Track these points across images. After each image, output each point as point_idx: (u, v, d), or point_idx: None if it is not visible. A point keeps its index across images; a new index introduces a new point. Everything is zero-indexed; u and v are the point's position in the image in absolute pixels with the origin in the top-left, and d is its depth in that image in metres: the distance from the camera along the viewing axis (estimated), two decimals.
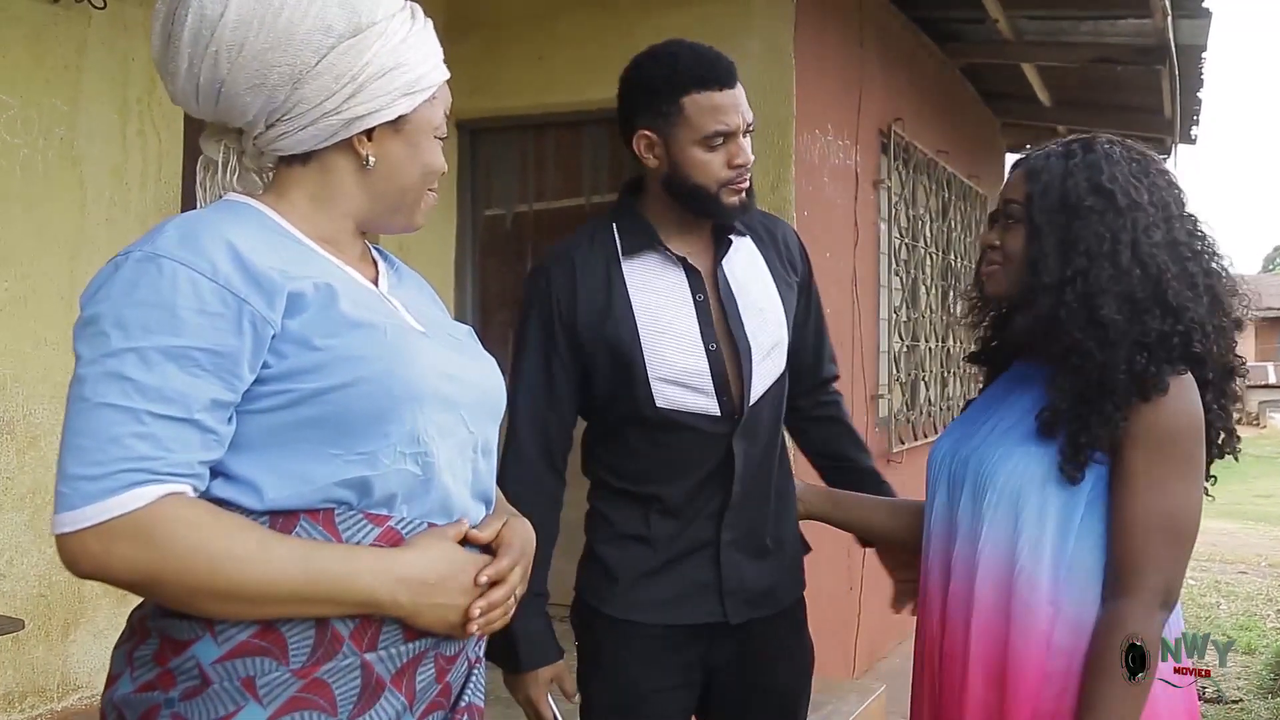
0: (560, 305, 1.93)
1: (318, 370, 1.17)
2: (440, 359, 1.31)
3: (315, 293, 1.21)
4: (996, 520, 1.63)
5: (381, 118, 1.30)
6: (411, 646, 1.24)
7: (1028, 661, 1.58)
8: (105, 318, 1.11)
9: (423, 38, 1.35)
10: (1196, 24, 5.15)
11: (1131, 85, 6.37)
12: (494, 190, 4.98)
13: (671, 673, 1.96)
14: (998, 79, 6.91)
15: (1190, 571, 7.69)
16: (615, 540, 1.99)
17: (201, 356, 1.12)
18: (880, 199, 5.30)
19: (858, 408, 4.88)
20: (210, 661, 1.13)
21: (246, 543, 1.13)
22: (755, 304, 1.98)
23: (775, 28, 4.22)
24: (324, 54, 1.24)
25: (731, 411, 1.93)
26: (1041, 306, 1.60)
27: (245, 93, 1.25)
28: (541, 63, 4.61)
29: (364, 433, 1.19)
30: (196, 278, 1.13)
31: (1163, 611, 1.54)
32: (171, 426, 1.10)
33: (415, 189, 1.38)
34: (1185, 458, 1.56)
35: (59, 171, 3.48)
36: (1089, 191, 1.59)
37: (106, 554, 1.08)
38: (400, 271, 1.48)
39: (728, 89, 1.88)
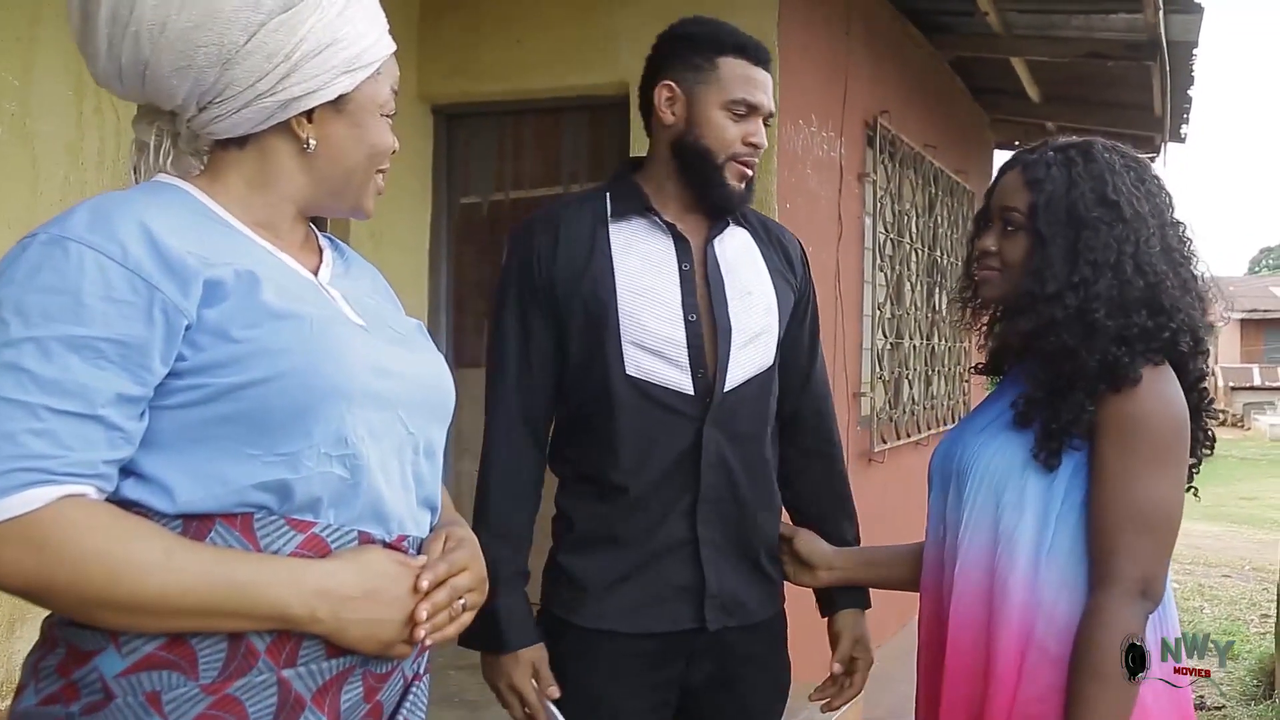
0: (540, 260, 1.87)
1: (235, 364, 1.09)
2: (375, 354, 1.21)
3: (236, 280, 1.12)
4: (977, 508, 1.64)
5: (320, 98, 1.21)
6: (335, 663, 1.14)
7: (1008, 650, 1.58)
8: (5, 304, 1.03)
9: (364, 8, 1.25)
10: (1188, 19, 5.08)
11: (1122, 82, 6.32)
12: (470, 177, 4.88)
13: (650, 689, 1.86)
14: (987, 73, 6.84)
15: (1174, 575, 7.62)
16: (580, 544, 1.89)
17: (107, 347, 1.04)
18: (865, 193, 5.21)
19: (839, 406, 4.77)
20: (114, 675, 1.06)
21: (149, 551, 1.04)
22: (743, 285, 1.90)
23: (758, 15, 4.11)
24: (254, 32, 1.15)
25: (705, 391, 1.83)
26: (1042, 313, 1.61)
27: (171, 75, 1.17)
28: (520, 46, 4.50)
29: (284, 432, 1.10)
30: (105, 262, 1.05)
31: (1143, 602, 1.53)
32: (71, 423, 1.02)
33: (361, 172, 1.29)
34: (1157, 448, 1.56)
35: (10, 149, 3.35)
36: (1095, 203, 1.60)
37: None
38: (350, 261, 1.38)
39: (759, 66, 1.87)
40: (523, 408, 1.89)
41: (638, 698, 1.85)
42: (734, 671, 1.90)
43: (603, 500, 1.86)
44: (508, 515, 1.87)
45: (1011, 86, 6.86)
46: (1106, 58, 5.72)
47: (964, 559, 1.65)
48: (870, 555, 2.00)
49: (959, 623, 1.64)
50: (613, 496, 1.85)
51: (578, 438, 1.91)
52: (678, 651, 1.86)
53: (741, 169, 1.86)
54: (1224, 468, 17.98)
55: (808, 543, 1.96)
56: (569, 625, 1.87)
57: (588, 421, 1.88)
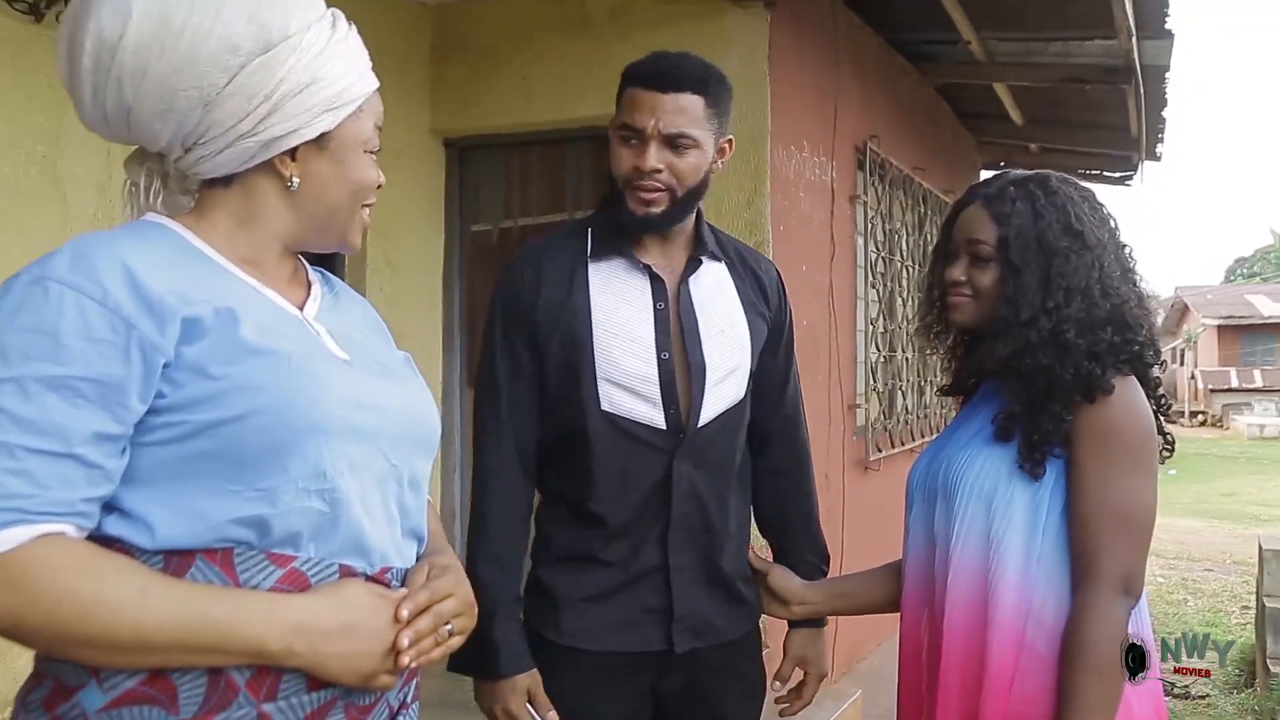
0: (522, 298, 1.82)
1: (212, 400, 1.05)
2: (355, 388, 1.15)
3: (214, 318, 1.07)
4: (968, 519, 1.63)
5: (302, 137, 1.15)
6: (316, 696, 1.08)
7: (1003, 655, 1.56)
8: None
9: (345, 48, 1.19)
10: (1160, 44, 5.03)
11: (1099, 104, 6.24)
12: (480, 206, 4.83)
13: (620, 701, 1.80)
14: (972, 98, 6.77)
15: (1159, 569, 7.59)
16: (558, 562, 1.83)
17: (85, 386, 1.00)
18: (857, 213, 5.13)
19: (835, 417, 4.71)
20: (95, 710, 1.01)
21: (124, 588, 0.98)
22: (716, 325, 1.83)
23: (750, 47, 4.07)
24: (233, 74, 1.10)
25: (678, 427, 1.76)
26: (1018, 337, 1.62)
27: (154, 119, 1.13)
28: (525, 82, 4.47)
29: (262, 468, 1.05)
30: (84, 302, 1.01)
31: (1125, 599, 1.54)
32: (49, 462, 0.98)
33: (345, 208, 1.23)
34: (1131, 453, 1.57)
35: (42, 189, 3.31)
36: (1063, 233, 1.62)
37: None
38: (339, 294, 1.33)
39: (656, 91, 1.75)
40: (514, 439, 1.83)
41: (613, 706, 1.80)
42: (705, 682, 1.85)
43: (579, 525, 1.81)
44: (503, 543, 1.82)
45: (995, 110, 6.80)
46: (1084, 82, 5.65)
47: (957, 568, 1.63)
48: (840, 586, 1.97)
49: (954, 629, 1.62)
50: (589, 523, 1.80)
51: (558, 465, 1.85)
52: (647, 667, 1.81)
53: (637, 194, 1.77)
54: (1204, 465, 17.84)
55: (780, 578, 1.92)
56: (544, 640, 1.82)
57: (567, 452, 1.82)
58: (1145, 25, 4.73)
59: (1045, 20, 5.18)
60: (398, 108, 4.56)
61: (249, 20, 1.10)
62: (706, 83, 1.77)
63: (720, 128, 1.81)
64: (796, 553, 1.99)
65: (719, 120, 1.80)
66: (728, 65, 4.01)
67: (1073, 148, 7.71)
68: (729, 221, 4.03)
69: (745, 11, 4.08)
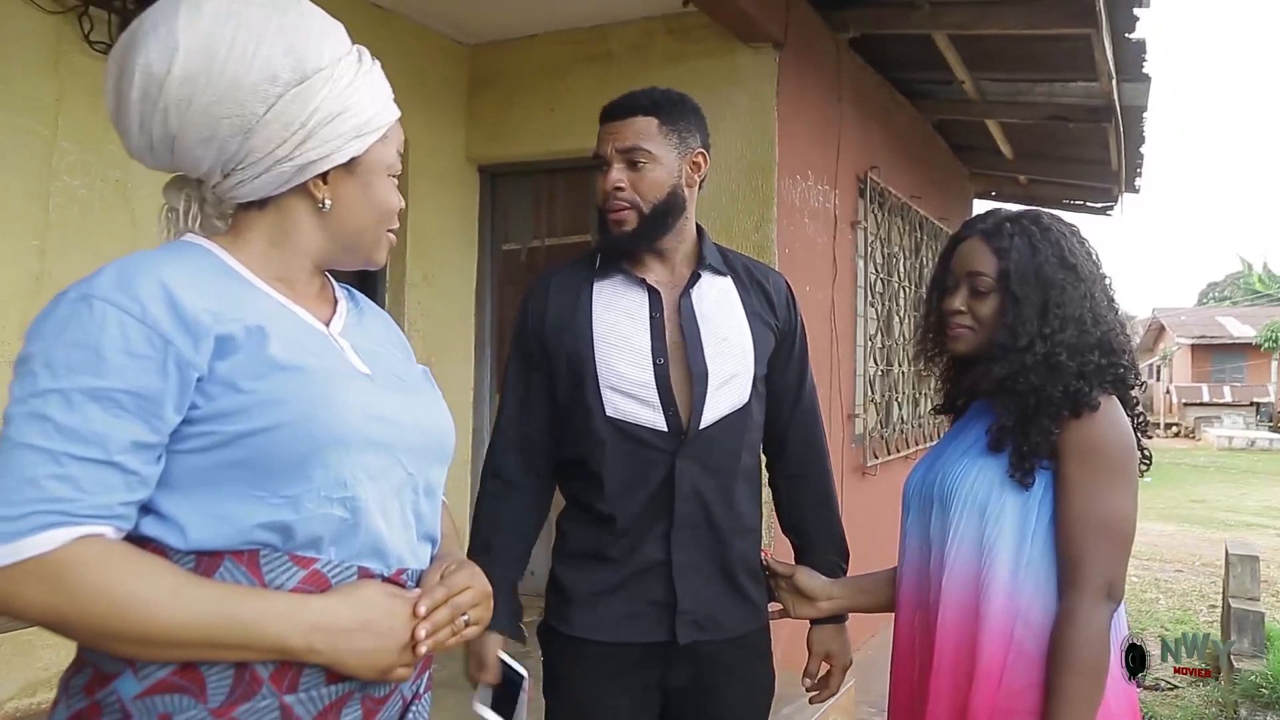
0: (533, 319, 1.84)
1: (241, 413, 1.03)
2: (374, 402, 1.13)
3: (245, 335, 1.06)
4: (963, 525, 1.61)
5: (333, 161, 1.14)
6: (334, 689, 1.07)
7: (992, 652, 1.55)
8: (36, 357, 0.99)
9: (371, 79, 1.18)
10: (1138, 86, 5.00)
11: (1082, 140, 6.21)
12: (510, 227, 4.84)
13: (626, 692, 1.77)
14: (965, 133, 6.75)
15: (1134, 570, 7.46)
16: (571, 559, 1.82)
17: (124, 398, 0.99)
18: (857, 238, 5.10)
19: (835, 426, 4.68)
20: (131, 696, 1.00)
21: (156, 588, 0.98)
22: (718, 333, 1.81)
23: (759, 83, 4.06)
24: (272, 103, 1.09)
25: (678, 429, 1.75)
26: (1014, 361, 1.61)
27: (197, 146, 1.11)
28: (552, 114, 4.49)
29: (286, 476, 1.04)
30: (125, 319, 1.00)
31: (1108, 603, 1.52)
32: (90, 468, 0.97)
33: (372, 229, 1.22)
34: (1114, 466, 1.56)
35: (114, 210, 3.34)
36: (1059, 266, 1.62)
37: (16, 595, 0.96)
38: (363, 310, 1.31)
39: (614, 120, 1.78)
40: (517, 441, 1.85)
41: (621, 696, 1.77)
42: (711, 679, 1.81)
43: (592, 524, 1.80)
44: (494, 537, 1.82)
45: (987, 144, 6.77)
46: (1068, 120, 5.63)
47: (951, 571, 1.61)
48: (860, 583, 1.91)
49: (947, 627, 1.60)
50: (600, 522, 1.78)
51: (573, 472, 1.85)
52: (654, 659, 1.78)
53: (608, 217, 1.79)
54: (1177, 474, 17.65)
55: (805, 577, 1.88)
56: (557, 632, 1.81)
57: (579, 458, 1.81)
58: (1125, 69, 4.71)
59: (1033, 63, 5.16)
60: (436, 135, 4.59)
61: (286, 52, 1.09)
62: (659, 104, 1.77)
63: (684, 142, 1.79)
64: (818, 552, 1.96)
65: (680, 135, 1.79)
66: (738, 100, 4.05)
67: (1058, 180, 7.66)
68: (738, 245, 4.01)
69: (755, 51, 4.06)
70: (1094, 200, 7.92)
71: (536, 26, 4.52)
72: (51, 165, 3.15)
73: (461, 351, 4.76)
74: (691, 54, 4.19)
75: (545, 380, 1.83)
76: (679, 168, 1.78)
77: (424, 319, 4.57)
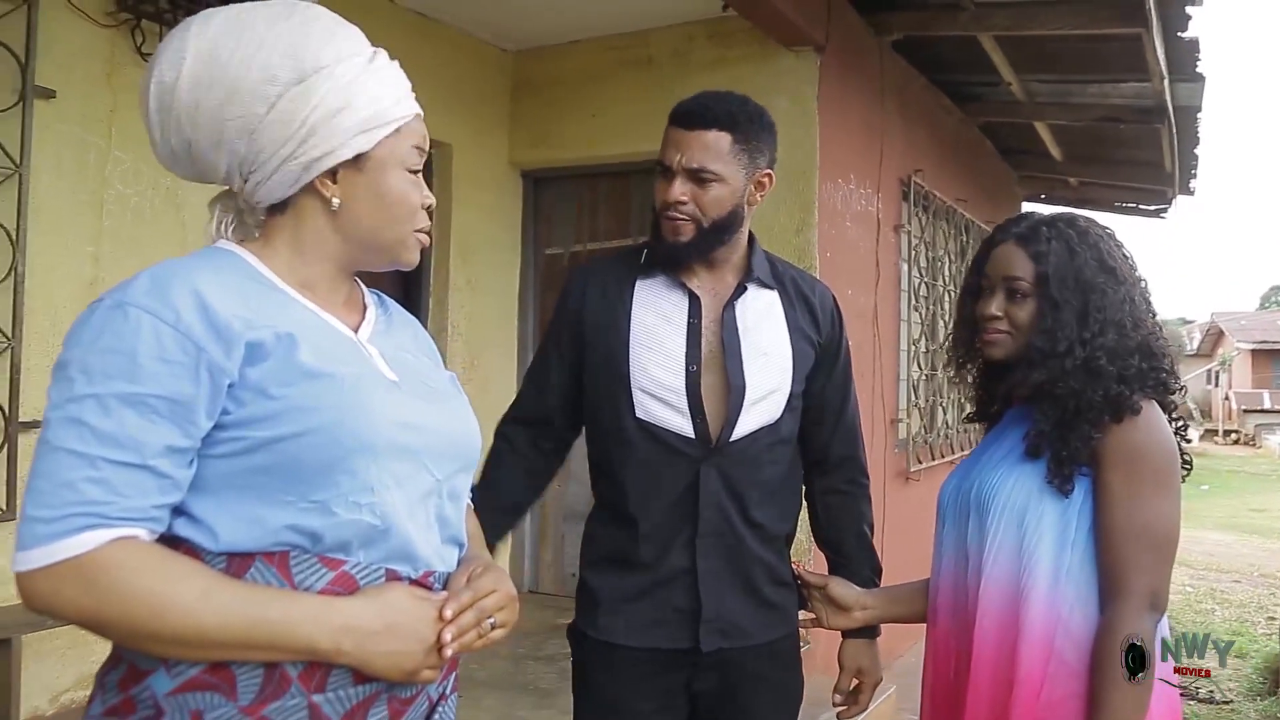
0: (571, 310, 1.84)
1: (272, 419, 1.04)
2: (402, 409, 1.14)
3: (276, 342, 1.07)
4: (1000, 534, 1.57)
5: (338, 157, 1.14)
6: (361, 689, 1.08)
7: (1032, 662, 1.51)
8: (73, 363, 1.01)
9: (380, 77, 1.18)
10: (1192, 87, 4.90)
11: (1135, 142, 6.09)
12: (553, 232, 4.88)
13: (653, 696, 1.76)
14: (1014, 136, 6.64)
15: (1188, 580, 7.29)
16: (598, 563, 1.82)
17: (159, 403, 1.00)
18: (901, 242, 5.05)
19: (877, 431, 4.64)
20: (164, 693, 1.02)
21: (189, 590, 0.99)
22: (760, 347, 1.78)
23: (800, 87, 4.05)
24: (273, 102, 1.10)
25: (706, 437, 1.73)
26: (1053, 367, 1.57)
27: (210, 150, 1.13)
28: (594, 119, 4.51)
29: (315, 481, 1.05)
30: (159, 325, 1.01)
31: (1152, 613, 1.48)
32: (125, 472, 0.99)
33: (389, 228, 1.20)
34: (1157, 473, 1.51)
35: (165, 215, 3.42)
36: (1098, 270, 1.59)
37: (54, 595, 0.97)
38: (393, 316, 1.31)
39: (682, 129, 1.73)
40: (526, 410, 1.91)
41: (647, 699, 1.76)
42: (738, 685, 1.79)
43: (619, 527, 1.79)
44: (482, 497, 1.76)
45: (1036, 147, 6.67)
46: (1119, 121, 5.53)
47: (989, 579, 1.57)
48: (894, 593, 1.88)
49: (985, 636, 1.56)
50: (626, 525, 1.77)
51: (601, 473, 1.84)
52: (680, 664, 1.77)
53: (665, 224, 1.74)
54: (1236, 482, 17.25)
55: (838, 587, 1.85)
56: (585, 635, 1.81)
57: (607, 459, 1.81)
58: (1177, 69, 4.62)
59: (1082, 64, 5.07)
60: (480, 140, 4.63)
61: (285, 54, 1.11)
62: (735, 119, 1.73)
63: (753, 162, 1.75)
64: (851, 566, 1.92)
65: (750, 155, 1.74)
66: (779, 104, 4.03)
67: (1110, 182, 7.52)
68: (779, 249, 3.98)
69: (796, 55, 4.05)
70: (1147, 202, 7.77)
71: (578, 32, 4.54)
72: (105, 174, 3.23)
73: (505, 356, 4.80)
74: (732, 59, 4.19)
75: (572, 368, 1.83)
76: (744, 188, 1.75)
77: (467, 323, 4.61)
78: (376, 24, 1.22)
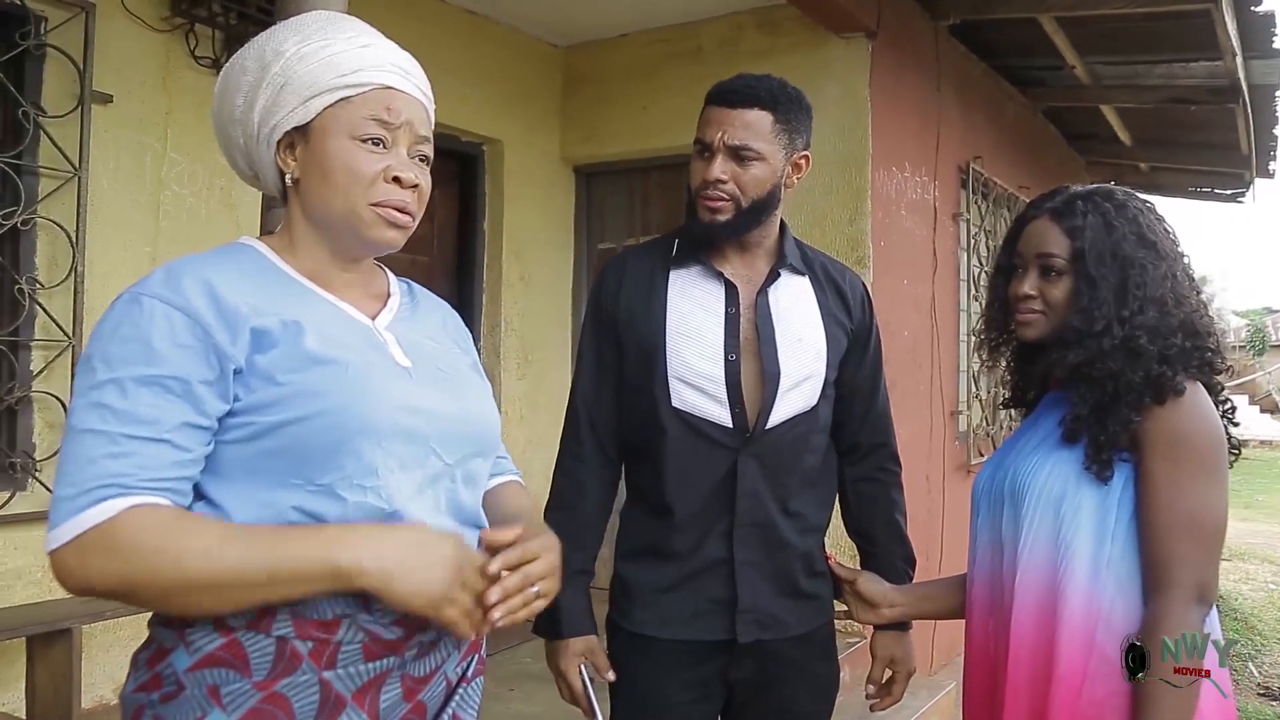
0: (606, 302, 1.81)
1: (278, 404, 1.08)
2: (409, 394, 1.16)
3: (282, 329, 1.11)
4: (1036, 524, 1.50)
5: (281, 128, 1.18)
6: (373, 666, 1.11)
7: (1072, 658, 1.44)
8: (95, 354, 1.07)
9: (332, 51, 1.18)
10: (1268, 64, 4.68)
11: (1208, 124, 5.86)
12: (605, 226, 4.87)
13: (689, 687, 1.74)
14: (1079, 120, 6.44)
15: (1271, 578, 7.00)
16: (632, 555, 1.79)
17: (173, 384, 1.05)
18: (959, 230, 4.94)
19: (936, 423, 4.54)
20: (184, 669, 1.07)
21: (207, 536, 1.03)
22: (794, 333, 1.75)
23: (851, 75, 3.97)
24: (246, 93, 1.20)
25: (743, 427, 1.70)
26: (1090, 347, 1.49)
27: (229, 149, 1.26)
28: (644, 113, 4.49)
29: (321, 465, 1.08)
30: (172, 313, 1.07)
31: (1199, 607, 1.41)
32: (144, 445, 1.03)
33: (337, 195, 1.16)
34: (1202, 459, 1.43)
35: (220, 215, 3.48)
36: (1137, 244, 1.50)
37: (84, 567, 1.01)
38: (419, 303, 1.33)
39: (724, 107, 1.70)
40: (590, 421, 1.81)
41: (683, 691, 1.74)
42: (775, 674, 1.76)
43: (654, 518, 1.76)
44: (571, 519, 1.77)
45: (1103, 132, 6.45)
46: (1190, 102, 5.31)
47: (1024, 572, 1.50)
48: (925, 590, 1.83)
49: (1022, 631, 1.50)
50: (661, 515, 1.75)
51: (636, 462, 1.82)
52: (716, 655, 1.74)
53: (702, 204, 1.71)
54: None
55: (867, 584, 1.80)
56: (619, 628, 1.79)
57: (642, 448, 1.78)
58: (1251, 45, 4.43)
59: (1149, 43, 4.89)
60: (531, 137, 4.64)
61: (255, 57, 1.20)
62: (776, 99, 1.70)
63: (792, 143, 1.73)
64: (883, 556, 1.89)
65: (790, 136, 1.72)
66: (829, 92, 3.96)
67: (1183, 166, 7.25)
68: (831, 238, 3.93)
69: (847, 42, 3.98)
70: (1223, 187, 7.47)
71: (627, 26, 4.53)
72: (162, 176, 3.30)
73: (559, 351, 4.80)
74: (781, 47, 4.13)
75: (616, 362, 1.80)
76: (783, 168, 1.73)
77: (521, 320, 4.62)
78: (427, 23, 1.26)
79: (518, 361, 4.60)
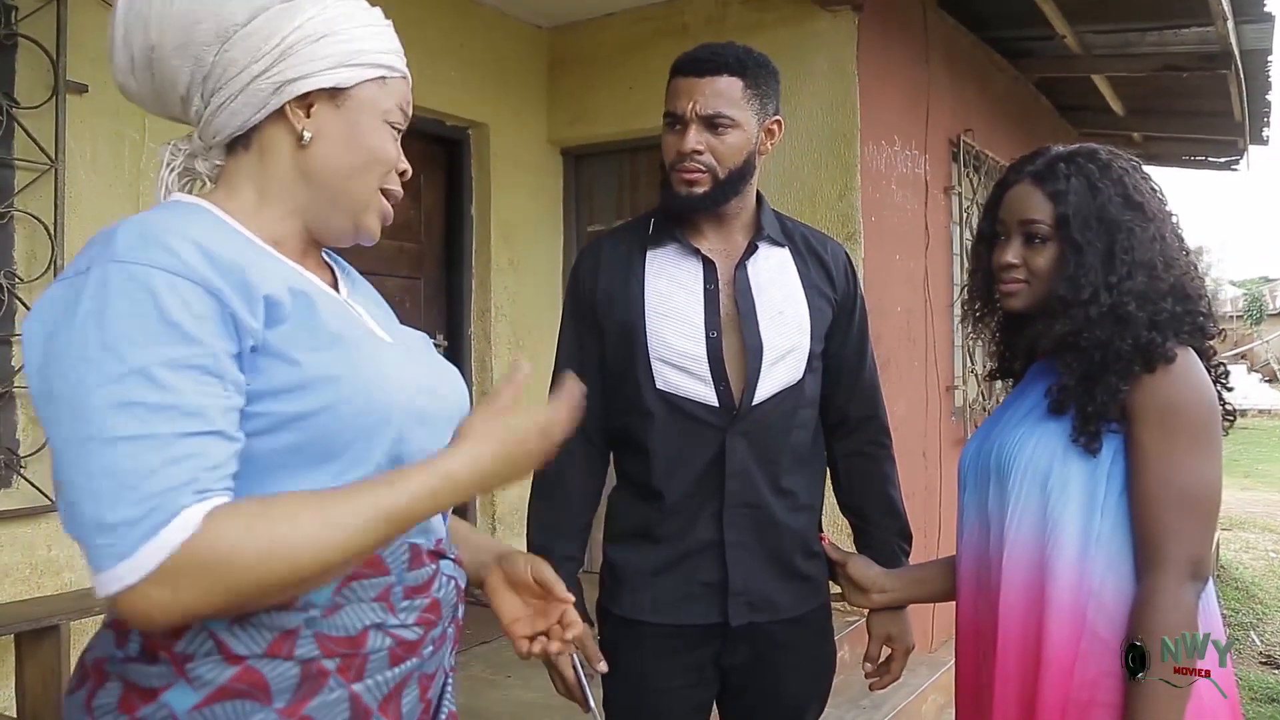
0: (584, 287, 1.78)
1: (298, 390, 0.92)
2: (413, 374, 1.06)
3: (292, 300, 0.95)
4: (1023, 498, 1.45)
5: (313, 83, 1.03)
6: (397, 672, 1.01)
7: (1061, 638, 1.39)
8: (89, 344, 0.84)
9: (369, 17, 1.08)
10: (1260, 28, 4.62)
11: (1200, 91, 5.78)
12: (595, 208, 4.80)
13: (682, 672, 1.70)
14: (1071, 91, 6.35)
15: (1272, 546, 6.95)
16: (621, 539, 1.75)
17: (209, 362, 0.87)
18: (951, 204, 4.87)
19: (932, 399, 4.49)
20: (186, 709, 0.89)
21: (304, 521, 0.88)
22: (774, 306, 1.71)
23: (839, 48, 3.91)
24: (255, 14, 1.00)
25: (729, 404, 1.66)
26: (1076, 316, 1.43)
27: (173, 54, 1.00)
28: (632, 92, 4.40)
29: (348, 458, 0.96)
30: (175, 280, 0.87)
31: (1194, 583, 1.35)
32: (201, 441, 0.86)
33: (359, 179, 1.08)
34: (1195, 429, 1.37)
35: None
36: (1124, 207, 1.43)
37: (175, 597, 0.83)
38: (353, 278, 1.19)
39: (692, 77, 1.65)
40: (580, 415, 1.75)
41: (676, 677, 1.70)
42: (771, 657, 1.72)
43: (642, 501, 1.72)
44: (557, 512, 1.75)
45: (1096, 102, 6.36)
46: (1182, 70, 5.23)
47: (1011, 548, 1.45)
48: (917, 574, 1.77)
49: (1010, 611, 1.44)
50: (650, 499, 1.71)
51: (622, 446, 1.78)
52: (709, 639, 1.70)
53: (678, 177, 1.67)
54: None
55: (859, 567, 1.75)
56: (610, 613, 1.75)
57: (629, 432, 1.74)
58: (1243, 10, 4.37)
59: (1139, 10, 4.81)
60: (518, 120, 4.57)
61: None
62: (745, 65, 1.66)
63: (764, 108, 1.69)
64: (877, 532, 1.85)
65: (761, 101, 1.69)
66: (816, 67, 3.90)
67: (1176, 135, 7.17)
68: (822, 214, 3.87)
69: (833, 15, 3.91)
70: (1217, 155, 7.41)
71: (612, 5, 4.45)
72: (140, 166, 3.23)
73: (549, 336, 4.72)
74: (768, 22, 4.06)
75: (597, 348, 1.76)
76: (757, 134, 1.70)
77: (511, 305, 4.57)
78: (411, 6, 1.16)
79: (509, 347, 4.55)
